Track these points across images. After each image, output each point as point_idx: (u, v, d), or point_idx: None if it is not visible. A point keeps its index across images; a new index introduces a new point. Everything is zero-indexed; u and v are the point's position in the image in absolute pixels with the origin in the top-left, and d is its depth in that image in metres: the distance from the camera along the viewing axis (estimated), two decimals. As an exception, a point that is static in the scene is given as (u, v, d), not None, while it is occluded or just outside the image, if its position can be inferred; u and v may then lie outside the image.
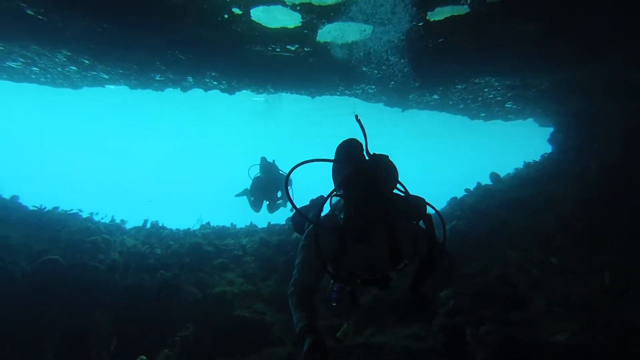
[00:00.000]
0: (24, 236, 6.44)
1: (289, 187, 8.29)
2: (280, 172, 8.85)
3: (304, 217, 2.52)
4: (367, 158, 2.55)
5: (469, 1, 6.41)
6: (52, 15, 5.54)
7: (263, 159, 9.01)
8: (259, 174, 8.98)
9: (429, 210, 2.60)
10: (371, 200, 2.27)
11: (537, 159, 10.56)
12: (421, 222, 2.56)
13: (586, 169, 7.14)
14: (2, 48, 6.97)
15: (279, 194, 9.19)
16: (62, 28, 5.86)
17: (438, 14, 7.02)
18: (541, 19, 6.29)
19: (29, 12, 5.45)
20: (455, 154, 38.61)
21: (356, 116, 2.56)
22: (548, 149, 10.45)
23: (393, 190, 2.52)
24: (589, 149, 7.50)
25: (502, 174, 10.45)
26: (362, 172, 2.31)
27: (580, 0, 5.81)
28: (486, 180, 10.41)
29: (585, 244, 5.61)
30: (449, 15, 6.95)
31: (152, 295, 5.81)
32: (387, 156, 2.57)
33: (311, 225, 2.49)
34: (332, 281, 2.61)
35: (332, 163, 2.64)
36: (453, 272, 2.64)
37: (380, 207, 2.33)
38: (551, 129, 10.61)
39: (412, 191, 2.96)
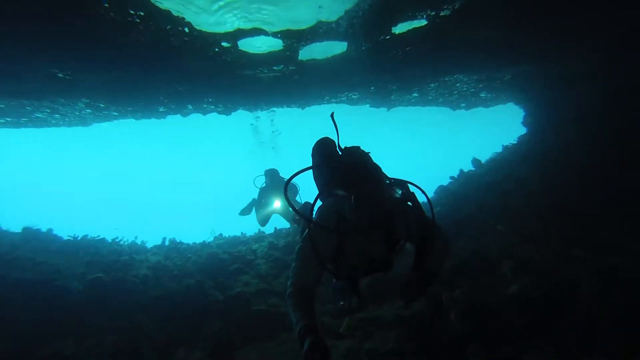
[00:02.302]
0: (66, 261, 7.45)
1: (298, 194, 8.95)
2: (281, 175, 9.47)
3: (302, 216, 2.51)
4: (340, 153, 2.62)
5: (425, 16, 7.37)
6: (77, 75, 6.61)
7: (268, 170, 9.68)
8: (264, 185, 9.68)
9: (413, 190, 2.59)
10: (375, 193, 2.26)
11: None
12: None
13: (548, 149, 8.06)
14: (37, 103, 8.10)
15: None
16: (83, 82, 6.93)
17: (401, 28, 7.96)
18: (490, 27, 7.23)
19: (60, 75, 6.55)
20: (448, 142, 39.50)
21: (332, 115, 2.67)
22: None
23: (385, 179, 2.49)
24: (550, 131, 8.42)
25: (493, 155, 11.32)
26: (359, 166, 2.34)
27: (518, 9, 6.74)
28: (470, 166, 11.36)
29: (545, 216, 6.53)
30: (410, 28, 7.91)
31: (181, 300, 6.80)
32: (359, 147, 2.61)
33: (307, 227, 2.52)
34: (333, 280, 2.64)
35: (312, 167, 2.72)
36: (450, 245, 2.71)
37: (383, 199, 2.33)
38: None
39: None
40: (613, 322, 4.01)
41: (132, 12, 6.23)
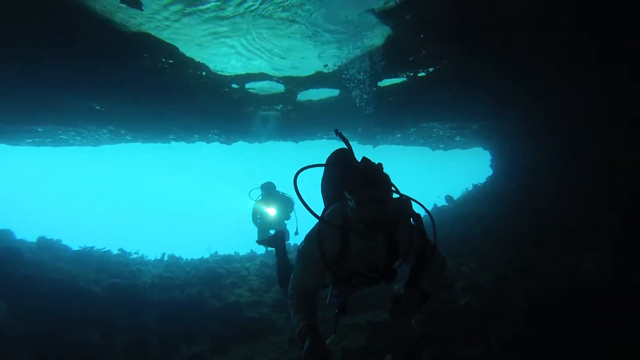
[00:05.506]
0: (78, 269, 8.37)
1: (293, 209, 9.82)
2: (277, 189, 10.18)
3: (315, 215, 2.50)
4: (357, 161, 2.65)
5: (404, 75, 8.94)
6: (111, 108, 7.86)
7: (264, 184, 10.32)
8: (259, 198, 10.26)
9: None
10: (382, 195, 2.30)
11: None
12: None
13: (505, 190, 9.50)
14: (70, 129, 9.25)
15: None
16: (113, 114, 8.16)
17: (386, 82, 9.51)
18: (456, 88, 8.82)
19: (97, 107, 7.79)
20: (427, 179, 41.45)
21: (336, 131, 2.77)
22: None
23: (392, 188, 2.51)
24: (509, 174, 9.91)
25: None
26: (371, 170, 2.38)
27: (476, 73, 8.34)
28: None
29: (501, 245, 7.83)
30: (393, 83, 9.45)
31: (184, 305, 7.76)
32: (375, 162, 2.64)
33: (313, 229, 2.57)
34: (331, 286, 2.66)
35: (322, 175, 2.83)
36: (445, 268, 2.76)
37: (390, 203, 2.36)
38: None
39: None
40: (535, 330, 5.22)
41: (163, 59, 7.58)
